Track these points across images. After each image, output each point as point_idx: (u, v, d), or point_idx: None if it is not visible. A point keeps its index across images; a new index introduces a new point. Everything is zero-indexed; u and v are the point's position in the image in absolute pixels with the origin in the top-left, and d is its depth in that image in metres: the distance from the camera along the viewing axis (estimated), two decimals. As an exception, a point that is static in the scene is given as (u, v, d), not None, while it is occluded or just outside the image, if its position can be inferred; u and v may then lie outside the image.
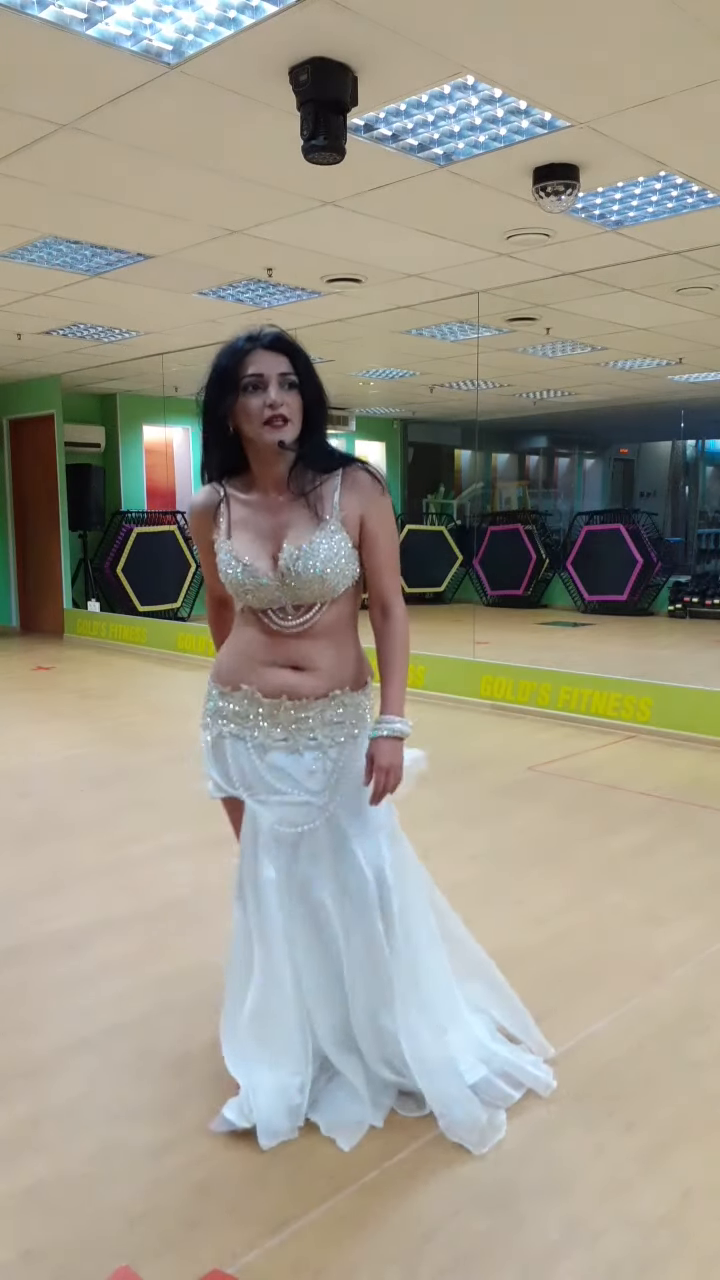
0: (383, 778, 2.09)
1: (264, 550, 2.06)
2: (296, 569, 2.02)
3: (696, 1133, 2.18)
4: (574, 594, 12.50)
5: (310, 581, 2.02)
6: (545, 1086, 2.31)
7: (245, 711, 2.14)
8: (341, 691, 2.14)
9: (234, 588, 2.09)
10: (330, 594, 2.06)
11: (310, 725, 2.12)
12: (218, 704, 2.19)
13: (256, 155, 4.08)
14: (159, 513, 11.69)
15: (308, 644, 2.10)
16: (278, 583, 2.04)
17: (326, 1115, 2.19)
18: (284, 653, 2.11)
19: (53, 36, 3.09)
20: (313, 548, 2.02)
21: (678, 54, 3.22)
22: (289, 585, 2.04)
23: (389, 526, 2.14)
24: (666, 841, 4.09)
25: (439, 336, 8.09)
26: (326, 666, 2.12)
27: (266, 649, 2.12)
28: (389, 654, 2.18)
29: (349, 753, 2.15)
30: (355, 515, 2.08)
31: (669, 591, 11.95)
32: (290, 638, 2.10)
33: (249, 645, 2.15)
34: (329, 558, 2.03)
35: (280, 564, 2.03)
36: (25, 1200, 1.99)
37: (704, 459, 14.23)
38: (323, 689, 2.12)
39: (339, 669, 2.14)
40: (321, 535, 2.03)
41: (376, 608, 2.19)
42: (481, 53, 3.22)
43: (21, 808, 4.66)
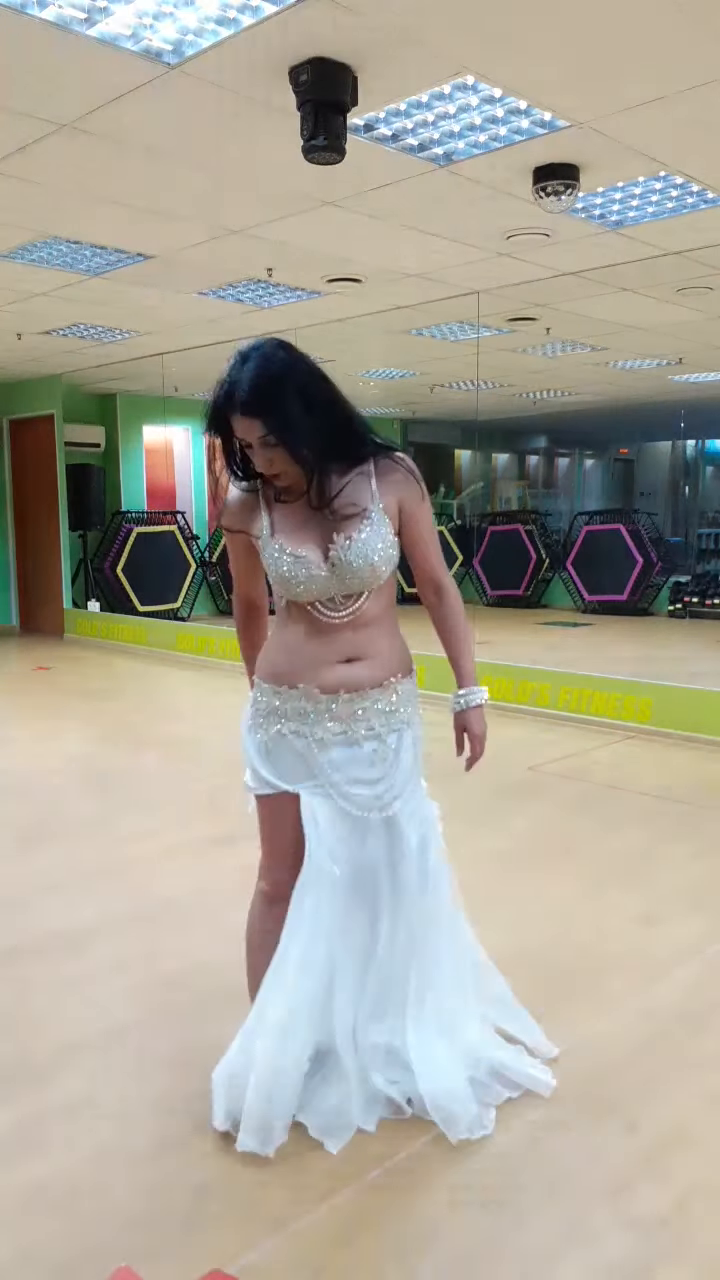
0: (479, 745, 2.26)
1: (314, 542, 2.07)
2: (349, 559, 2.04)
3: (696, 1133, 2.18)
4: (574, 594, 12.49)
5: (362, 570, 2.05)
6: (545, 1087, 2.31)
7: (303, 709, 2.13)
8: (396, 679, 2.18)
9: (284, 582, 2.08)
10: (378, 581, 2.09)
11: (367, 715, 2.14)
12: (272, 702, 2.16)
13: (256, 155, 4.08)
14: (159, 513, 11.69)
15: (359, 634, 2.13)
16: (328, 573, 2.05)
17: (315, 1117, 2.18)
18: (338, 646, 2.12)
19: (53, 36, 3.09)
20: (362, 537, 2.05)
21: (678, 54, 3.22)
22: (339, 575, 2.05)
23: (426, 509, 2.19)
24: (666, 841, 4.09)
25: (439, 336, 8.09)
26: (381, 654, 2.16)
27: (320, 644, 2.12)
28: (453, 627, 2.27)
29: (402, 739, 2.19)
30: (394, 503, 2.11)
31: (669, 591, 11.94)
32: (342, 629, 2.11)
33: (300, 643, 2.14)
34: (377, 545, 2.06)
35: (331, 555, 2.05)
36: (25, 1200, 1.99)
37: (704, 459, 14.23)
38: (379, 678, 2.15)
39: (392, 656, 2.18)
40: (367, 524, 2.06)
41: (429, 588, 2.25)
42: (481, 53, 3.22)
43: (21, 808, 4.66)
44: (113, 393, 11.37)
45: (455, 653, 2.28)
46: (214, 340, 8.21)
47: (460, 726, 2.28)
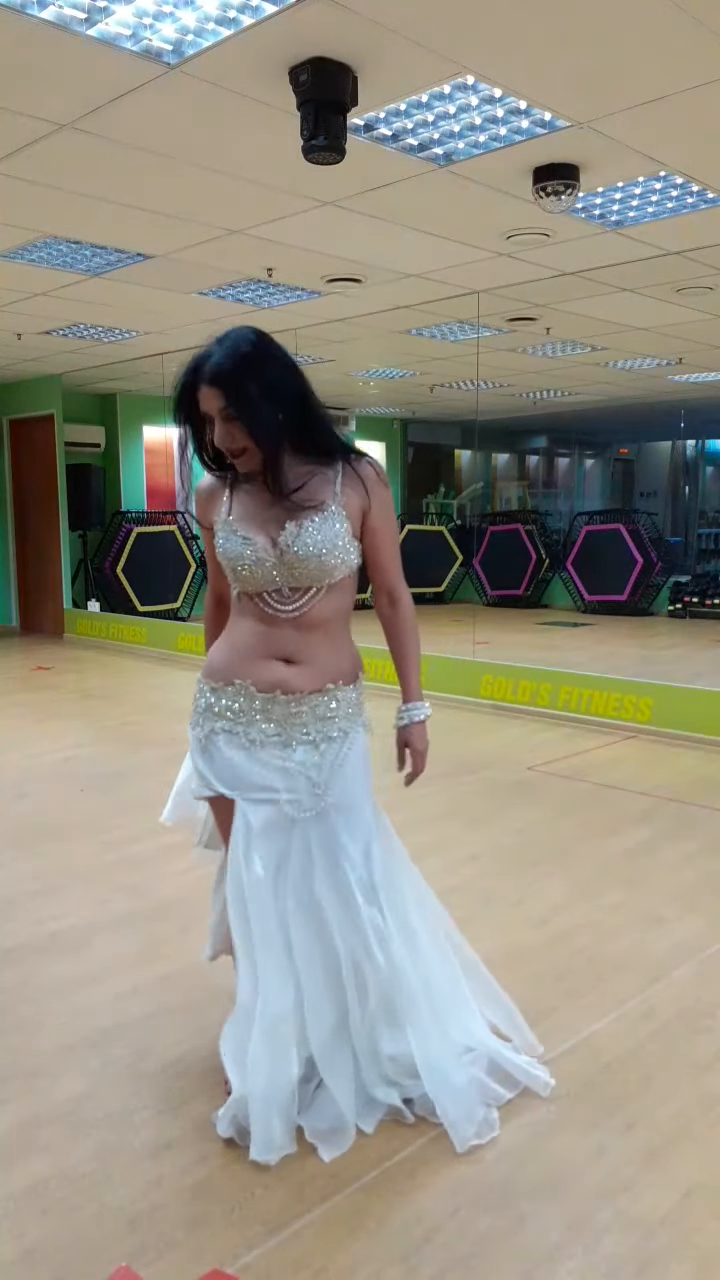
0: (420, 761, 2.23)
1: (264, 529, 2.07)
2: (295, 547, 2.03)
3: (696, 1133, 2.18)
4: (574, 594, 12.50)
5: (308, 560, 2.03)
6: (544, 1085, 2.31)
7: (238, 707, 2.13)
8: (335, 685, 2.15)
9: (231, 565, 2.08)
10: (327, 577, 2.06)
11: (303, 720, 2.13)
12: (209, 700, 2.18)
13: (256, 155, 4.08)
14: (159, 513, 11.69)
15: (302, 635, 2.11)
16: (276, 560, 2.04)
17: (312, 1120, 2.17)
18: (278, 644, 2.11)
19: (53, 36, 3.09)
20: (313, 526, 2.03)
21: (678, 54, 3.22)
22: (286, 564, 2.04)
23: (390, 516, 2.18)
24: (666, 841, 4.09)
25: (439, 336, 8.09)
26: (320, 660, 2.12)
27: (261, 640, 2.12)
28: (403, 641, 2.25)
29: (341, 749, 2.16)
30: (357, 506, 2.10)
31: (669, 591, 11.95)
32: (285, 626, 2.10)
33: (243, 638, 2.14)
34: (327, 539, 2.04)
35: (280, 541, 2.04)
36: (25, 1200, 1.99)
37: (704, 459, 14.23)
38: (316, 683, 2.12)
39: (332, 662, 2.15)
40: (321, 518, 2.05)
41: (383, 597, 2.24)
42: (481, 53, 3.22)
43: (21, 808, 4.66)
44: (113, 393, 11.37)
45: (403, 668, 2.26)
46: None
47: (402, 741, 2.25)
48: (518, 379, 10.27)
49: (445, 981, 2.31)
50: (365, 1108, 2.20)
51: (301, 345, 8.22)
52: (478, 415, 12.51)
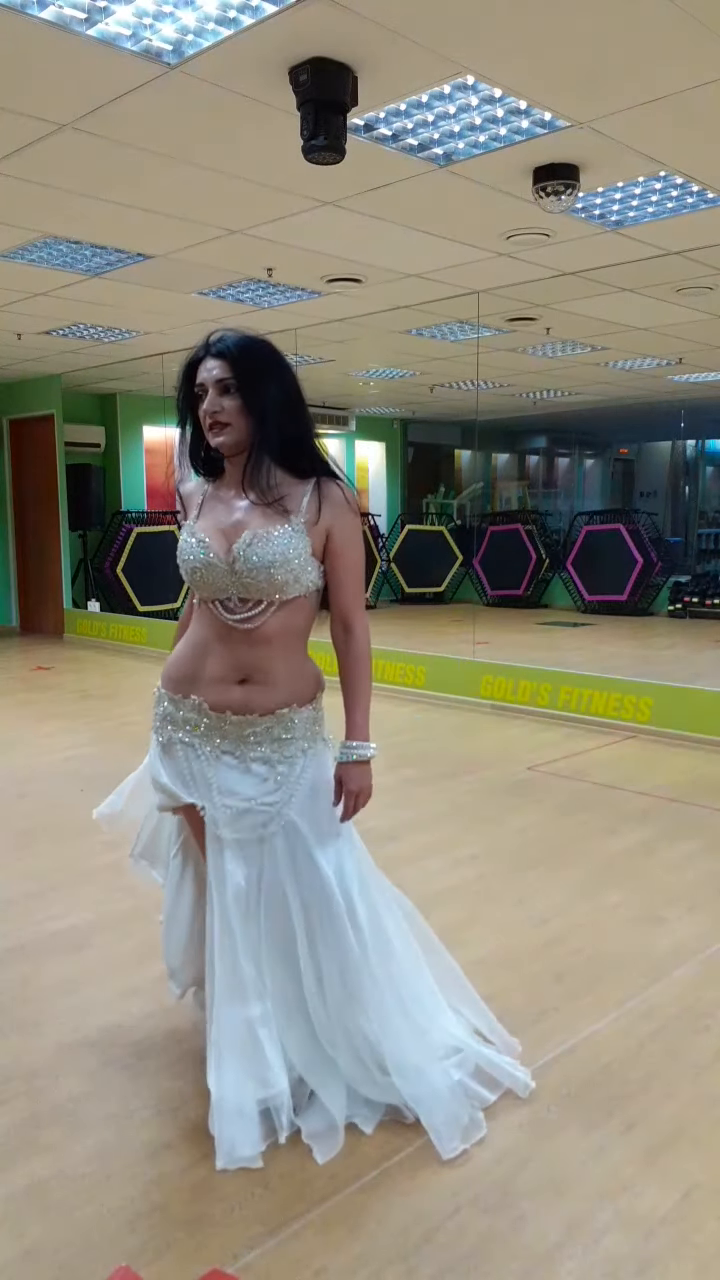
0: (352, 801, 2.16)
1: (222, 535, 2.08)
2: (246, 555, 2.03)
3: (697, 1133, 2.18)
4: (574, 594, 12.50)
5: (257, 570, 2.02)
6: (524, 1087, 2.30)
7: (194, 721, 2.15)
8: (289, 709, 2.14)
9: (187, 567, 2.10)
10: (278, 591, 2.05)
11: (256, 740, 2.13)
12: (167, 709, 2.20)
13: (256, 155, 4.08)
14: (159, 513, 11.69)
15: (257, 651, 2.10)
16: (227, 567, 2.05)
17: (307, 1123, 2.17)
18: (233, 661, 2.11)
19: (53, 36, 3.09)
20: (268, 537, 2.03)
21: (677, 54, 3.22)
22: (237, 572, 2.04)
23: (356, 543, 2.14)
24: (666, 841, 4.09)
25: (439, 336, 8.09)
26: (274, 680, 2.12)
27: (216, 657, 2.12)
28: (352, 674, 2.18)
29: (299, 767, 2.16)
30: (323, 526, 2.08)
31: (669, 591, 11.95)
32: (238, 639, 2.09)
33: (199, 653, 2.15)
34: (281, 552, 2.02)
35: (234, 548, 2.05)
36: (25, 1200, 1.99)
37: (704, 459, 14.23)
38: (269, 705, 2.12)
39: (288, 683, 2.14)
40: (279, 532, 2.04)
41: (338, 624, 2.18)
42: (481, 53, 3.22)
43: (21, 808, 4.66)
44: (113, 393, 11.37)
45: (350, 702, 2.18)
46: (214, 340, 8.20)
47: (338, 778, 2.16)
48: (518, 379, 10.27)
49: (421, 986, 2.30)
50: (363, 1109, 2.20)
51: (301, 345, 8.22)
52: (478, 415, 12.51)
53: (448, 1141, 2.10)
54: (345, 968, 2.13)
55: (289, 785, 2.15)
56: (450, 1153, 2.08)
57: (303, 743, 2.16)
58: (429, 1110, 2.15)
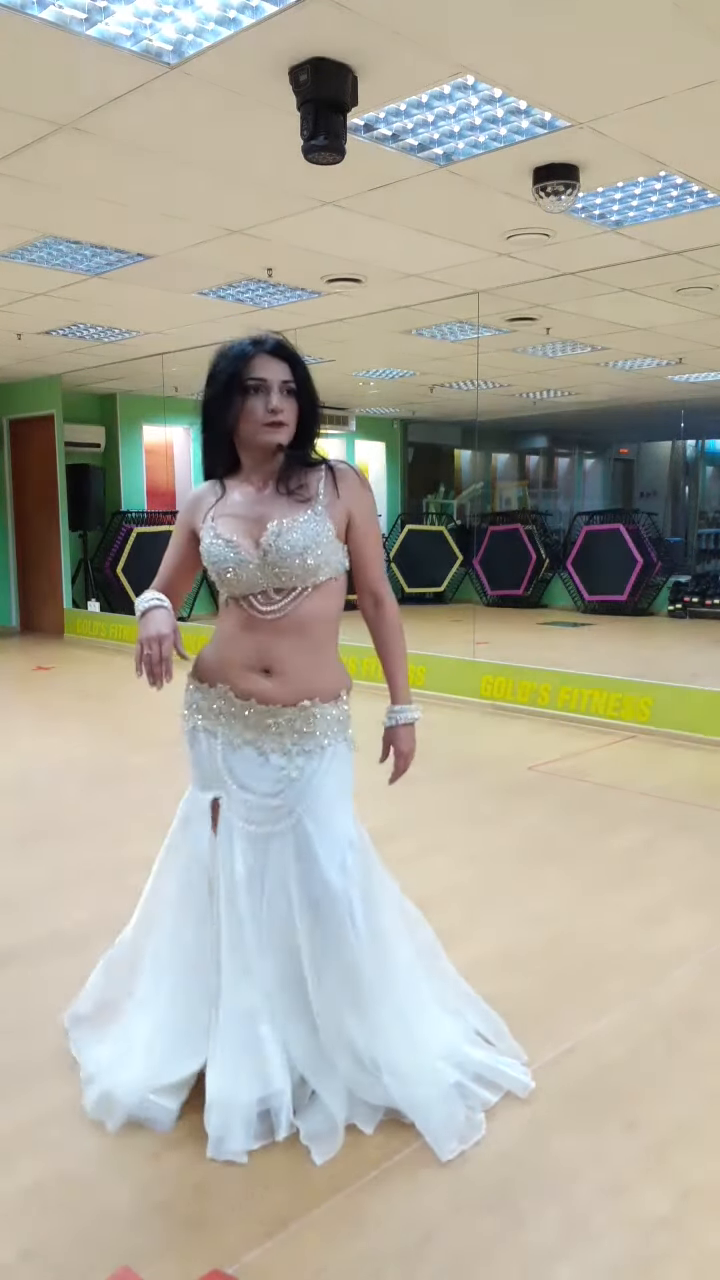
0: (404, 763, 2.26)
1: (248, 532, 2.11)
2: (278, 545, 2.06)
3: (696, 1133, 2.18)
4: (574, 594, 12.50)
5: (290, 558, 2.06)
6: (523, 1088, 2.30)
7: (217, 708, 2.19)
8: (311, 702, 2.15)
9: (217, 568, 2.12)
10: (311, 577, 2.09)
11: (279, 730, 2.15)
12: (194, 697, 2.25)
13: (256, 155, 4.08)
14: (159, 513, 11.69)
15: (283, 641, 2.12)
16: (259, 561, 2.08)
17: (306, 1123, 2.16)
18: (256, 651, 2.13)
19: (53, 36, 3.09)
20: (295, 525, 2.08)
21: (678, 54, 3.22)
22: (270, 563, 2.07)
23: (374, 521, 2.23)
24: (666, 841, 4.09)
25: (439, 336, 8.09)
26: (297, 671, 2.13)
27: (242, 648, 2.15)
28: (389, 642, 2.28)
29: (316, 762, 2.16)
30: (343, 509, 2.15)
31: (669, 591, 11.95)
32: (264, 630, 2.11)
33: (227, 643, 2.18)
34: (311, 538, 2.08)
35: (262, 542, 2.07)
36: (25, 1200, 1.99)
37: (704, 459, 14.23)
38: (292, 697, 2.14)
39: (311, 675, 2.15)
40: (304, 518, 2.09)
41: (368, 599, 2.27)
42: (481, 53, 3.22)
43: (21, 808, 4.66)
44: (113, 393, 11.37)
45: (390, 668, 2.28)
46: (214, 340, 8.17)
47: (388, 741, 2.28)
48: (518, 379, 10.26)
49: (418, 990, 2.29)
50: (363, 1109, 2.20)
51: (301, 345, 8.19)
52: (478, 415, 12.50)
53: (445, 1143, 2.10)
54: (343, 969, 2.13)
55: (304, 780, 2.15)
56: (449, 1154, 2.08)
57: (324, 739, 2.17)
58: (424, 1114, 2.14)
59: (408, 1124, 2.18)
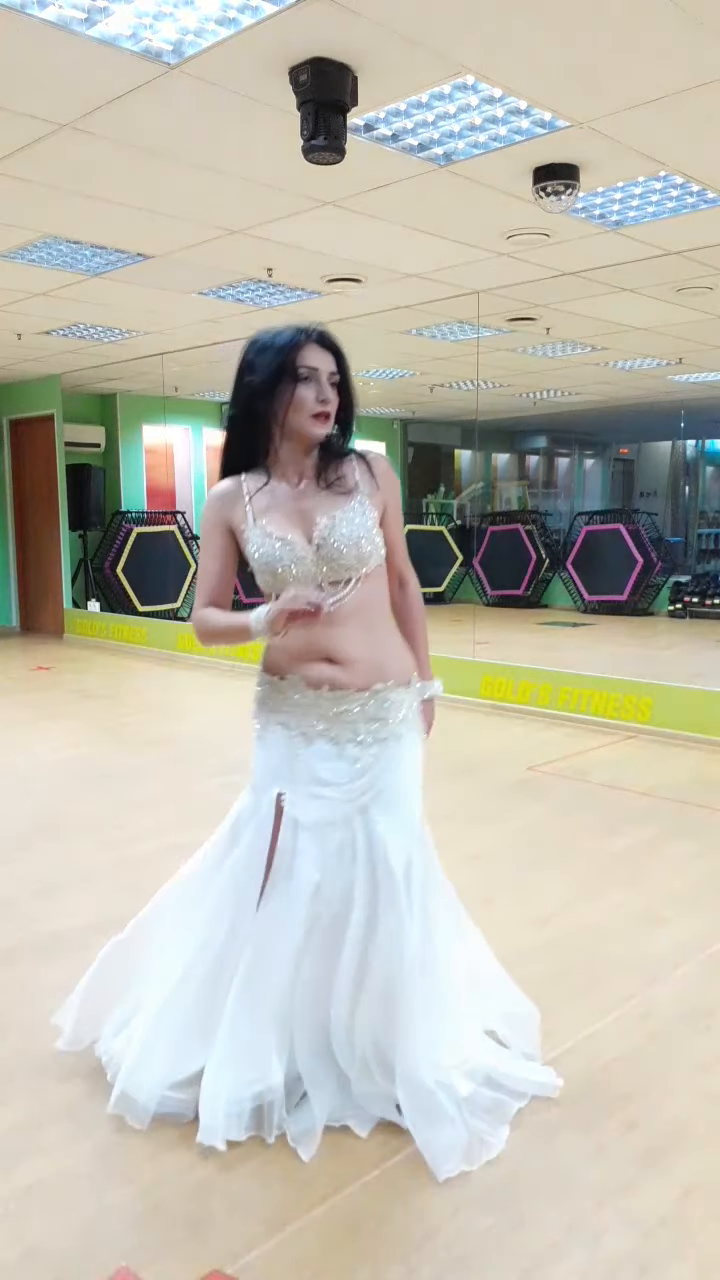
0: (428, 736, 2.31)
1: (297, 527, 2.11)
2: (332, 538, 2.07)
3: (696, 1133, 2.18)
4: (574, 594, 12.50)
5: (345, 548, 2.08)
6: (551, 1088, 2.29)
7: (293, 700, 2.17)
8: (384, 686, 2.16)
9: (269, 568, 2.09)
10: (363, 565, 2.11)
11: (351, 718, 2.14)
12: (266, 692, 2.23)
13: (256, 155, 4.08)
14: (159, 513, 11.69)
15: (342, 630, 2.12)
16: (313, 555, 2.08)
17: (298, 1122, 2.16)
18: (319, 642, 2.12)
19: (53, 36, 3.09)
20: (345, 517, 2.10)
21: (678, 54, 3.22)
22: (324, 556, 2.08)
23: (400, 507, 2.28)
24: (666, 841, 4.09)
25: (439, 336, 8.09)
26: (361, 657, 2.14)
27: (303, 642, 2.13)
28: (415, 620, 2.35)
29: (391, 750, 2.16)
30: (380, 498, 2.19)
31: (669, 591, 11.95)
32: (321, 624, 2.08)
33: (288, 643, 2.15)
34: (361, 528, 2.10)
35: (315, 536, 2.08)
36: (25, 1200, 1.99)
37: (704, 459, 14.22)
38: (363, 681, 2.14)
39: (376, 658, 2.16)
40: (351, 509, 2.11)
41: (395, 580, 2.30)
42: (481, 53, 3.22)
43: (21, 808, 4.66)
44: (113, 393, 11.37)
45: (415, 646, 2.34)
46: (214, 340, 8.21)
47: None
48: (518, 379, 10.26)
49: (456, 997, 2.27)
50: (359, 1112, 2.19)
51: (301, 345, 8.22)
52: (478, 415, 12.50)
53: (444, 1164, 2.03)
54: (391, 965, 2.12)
55: (378, 770, 2.14)
56: (446, 1174, 2.02)
57: (399, 727, 2.17)
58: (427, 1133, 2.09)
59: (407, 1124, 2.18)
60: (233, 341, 8.21)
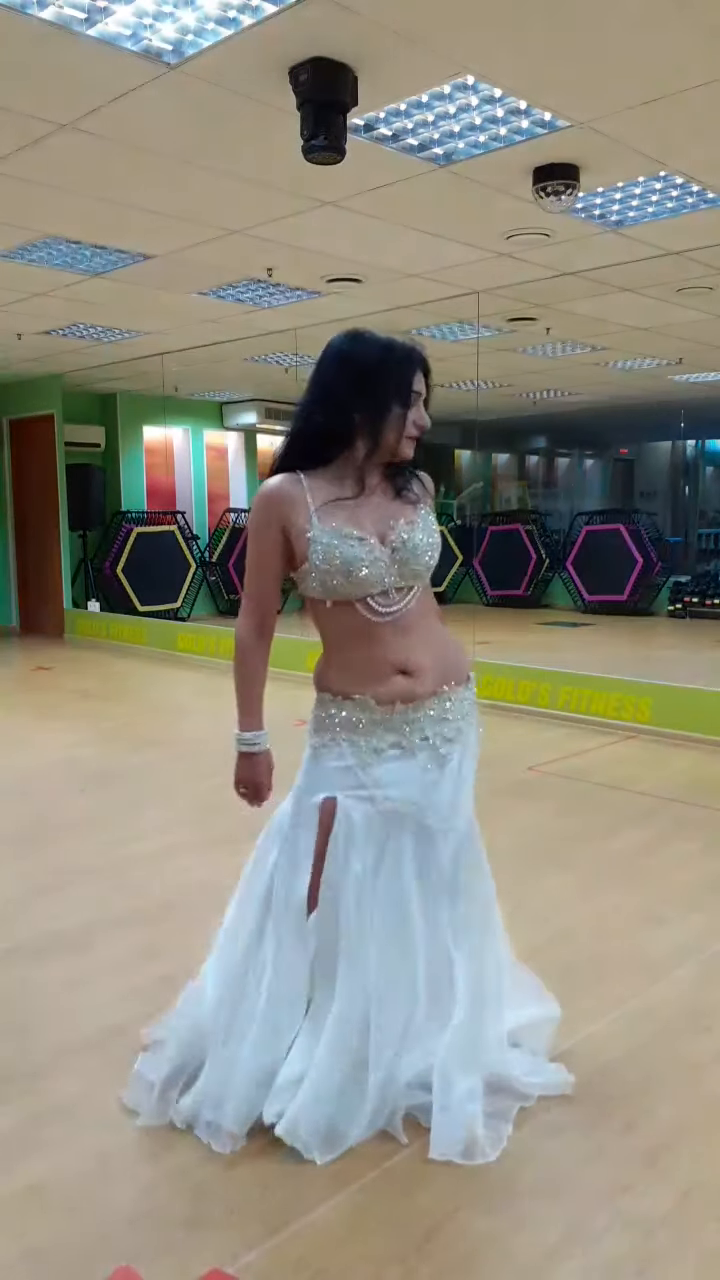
0: None
1: (372, 528, 2.10)
2: (410, 542, 2.08)
3: (696, 1133, 2.18)
4: (574, 594, 12.50)
5: (421, 555, 2.09)
6: (566, 1086, 2.30)
7: (360, 720, 2.14)
8: (449, 687, 2.19)
9: (343, 568, 2.03)
10: (428, 573, 2.14)
11: (421, 724, 2.15)
12: (328, 715, 2.18)
13: (256, 155, 4.08)
14: (159, 512, 11.69)
15: (411, 638, 2.13)
16: (389, 558, 2.08)
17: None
18: (393, 654, 2.11)
19: (53, 36, 3.09)
20: (421, 524, 2.12)
21: (678, 54, 3.22)
22: (399, 560, 2.08)
23: None
24: (666, 841, 4.09)
25: (439, 336, 8.09)
26: (431, 662, 2.16)
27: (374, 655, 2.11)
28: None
29: (457, 751, 2.19)
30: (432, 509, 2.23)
31: (669, 591, 11.95)
32: (386, 632, 2.10)
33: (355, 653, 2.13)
34: (433, 534, 2.14)
35: (393, 539, 2.08)
36: (25, 1200, 1.98)
37: (704, 459, 14.23)
38: (433, 686, 2.16)
39: (441, 662, 2.19)
40: (421, 517, 2.15)
41: None
42: (481, 53, 3.22)
43: (21, 808, 4.66)
44: (113, 393, 11.37)
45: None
46: (214, 340, 8.21)
47: None
48: (518, 379, 10.26)
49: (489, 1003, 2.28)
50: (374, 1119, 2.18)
51: (301, 345, 8.22)
52: (478, 415, 12.50)
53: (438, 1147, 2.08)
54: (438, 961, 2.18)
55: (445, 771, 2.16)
56: (438, 1157, 2.07)
57: (460, 722, 2.20)
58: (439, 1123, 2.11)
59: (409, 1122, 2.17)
60: (232, 341, 8.23)
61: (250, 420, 12.10)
